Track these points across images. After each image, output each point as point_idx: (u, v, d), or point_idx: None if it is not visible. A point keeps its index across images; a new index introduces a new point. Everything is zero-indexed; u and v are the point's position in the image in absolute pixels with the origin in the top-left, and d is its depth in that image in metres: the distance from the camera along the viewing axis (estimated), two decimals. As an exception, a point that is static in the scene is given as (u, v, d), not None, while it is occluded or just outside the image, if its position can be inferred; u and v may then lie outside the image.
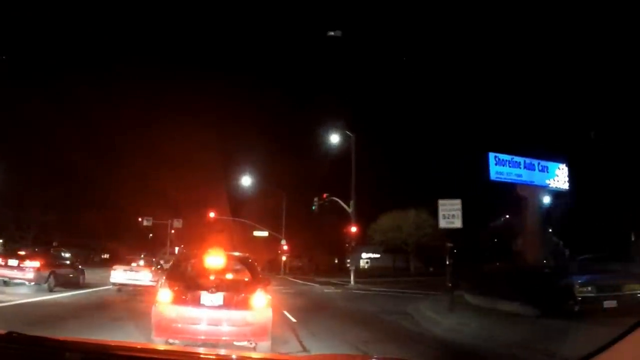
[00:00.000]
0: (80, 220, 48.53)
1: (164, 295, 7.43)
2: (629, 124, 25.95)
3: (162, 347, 4.31)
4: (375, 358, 6.74)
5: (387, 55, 50.06)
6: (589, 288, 12.54)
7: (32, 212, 42.98)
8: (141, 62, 64.69)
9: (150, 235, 60.02)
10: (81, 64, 61.72)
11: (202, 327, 7.17)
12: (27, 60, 44.49)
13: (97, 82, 57.30)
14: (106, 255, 55.44)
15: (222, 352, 4.62)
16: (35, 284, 16.23)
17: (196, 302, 7.28)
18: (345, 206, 31.93)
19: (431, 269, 57.01)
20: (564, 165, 22.45)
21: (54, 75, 51.24)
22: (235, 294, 7.43)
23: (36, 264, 16.30)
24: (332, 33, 20.85)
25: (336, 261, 65.27)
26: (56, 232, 45.53)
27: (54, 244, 42.66)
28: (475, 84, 39.86)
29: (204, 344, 6.88)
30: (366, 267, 59.05)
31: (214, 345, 6.78)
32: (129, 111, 67.06)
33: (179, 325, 7.14)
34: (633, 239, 29.07)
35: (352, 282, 29.50)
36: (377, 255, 64.21)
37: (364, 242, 49.45)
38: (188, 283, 7.71)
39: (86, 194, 47.74)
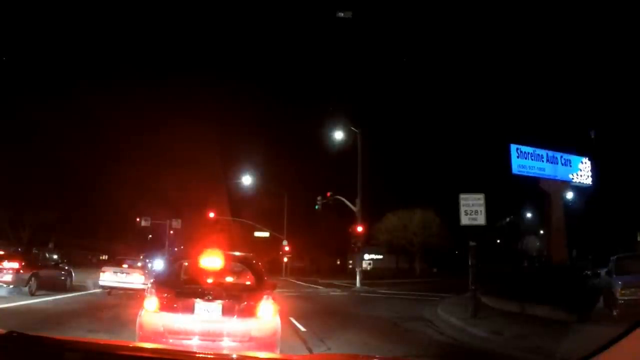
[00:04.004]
0: (78, 221, 47.57)
1: (151, 303, 6.22)
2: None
3: (161, 347, 3.89)
4: (377, 358, 6.38)
5: (393, 47, 48.96)
6: (632, 290, 11.26)
7: (28, 213, 41.96)
8: (141, 61, 63.89)
9: (150, 236, 59.15)
10: (80, 64, 60.86)
11: (196, 342, 5.96)
12: (27, 60, 43.75)
13: (96, 83, 56.31)
14: (104, 257, 54.45)
15: (223, 351, 4.78)
16: (14, 287, 14.90)
17: (189, 312, 6.07)
18: (350, 205, 30.67)
19: (435, 270, 56.22)
20: (587, 159, 21.15)
21: (52, 75, 50.25)
22: (237, 301, 6.18)
23: (15, 265, 14.94)
24: (341, 14, 19.50)
25: (338, 262, 64.26)
26: (53, 232, 44.69)
27: (50, 245, 41.91)
28: (489, 74, 38.74)
29: None
30: (369, 268, 57.76)
31: None
32: (129, 111, 66.26)
33: (169, 341, 5.91)
34: (639, 239, 28.33)
35: (358, 284, 28.28)
36: (380, 257, 63.36)
37: (367, 242, 48.47)
38: (180, 289, 6.50)
39: (85, 194, 46.79)
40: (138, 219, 49.93)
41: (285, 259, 46.97)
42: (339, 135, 30.96)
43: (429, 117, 49.72)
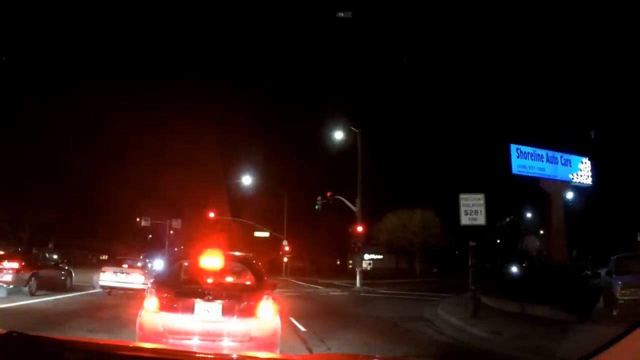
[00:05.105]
0: (78, 221, 47.53)
1: (151, 303, 6.21)
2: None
3: (161, 347, 3.89)
4: (377, 358, 6.38)
5: (393, 47, 48.97)
6: (632, 290, 11.27)
7: (28, 213, 41.95)
8: (141, 61, 63.88)
9: (150, 236, 59.10)
10: (80, 64, 60.78)
11: (196, 342, 5.95)
12: (27, 60, 43.70)
13: (96, 83, 56.14)
14: (104, 257, 54.45)
15: (224, 351, 4.77)
16: (14, 287, 14.86)
17: (189, 312, 6.06)
18: (350, 205, 30.66)
19: (435, 270, 56.28)
20: (587, 159, 21.16)
21: (52, 75, 50.15)
22: (237, 302, 6.16)
23: (15, 265, 14.93)
24: (341, 14, 19.51)
25: (338, 262, 64.25)
26: (53, 232, 44.69)
27: (50, 245, 41.88)
28: (489, 74, 38.75)
29: None
30: (369, 268, 57.86)
31: None
32: (129, 111, 65.98)
33: (169, 341, 5.90)
34: (639, 239, 28.31)
35: (358, 284, 28.27)
36: (380, 257, 63.41)
37: (367, 242, 48.49)
38: (180, 289, 6.49)
39: (85, 194, 46.76)
40: (138, 219, 49.85)
41: (285, 259, 46.91)
42: (339, 135, 30.96)
43: (429, 117, 49.77)
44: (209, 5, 53.75)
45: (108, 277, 17.62)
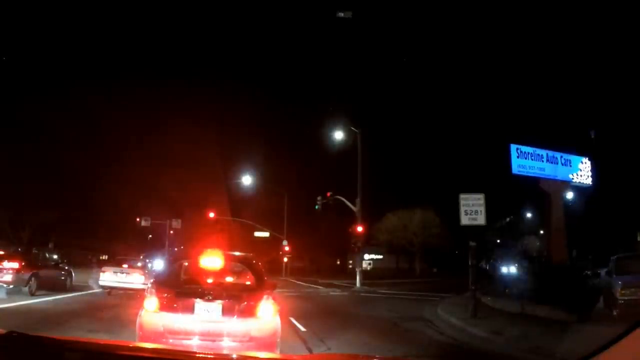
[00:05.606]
0: (78, 221, 47.53)
1: (151, 303, 6.22)
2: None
3: (161, 347, 3.89)
4: (377, 358, 6.38)
5: (393, 47, 49.00)
6: (632, 290, 11.28)
7: (28, 213, 41.96)
8: (141, 61, 63.86)
9: (150, 236, 59.14)
10: (80, 64, 60.76)
11: (196, 342, 5.95)
12: (28, 60, 43.68)
13: (96, 83, 56.08)
14: (104, 257, 54.44)
15: (224, 351, 4.79)
16: (14, 287, 14.88)
17: (189, 312, 6.06)
18: (350, 205, 30.68)
19: (435, 270, 56.29)
20: (587, 159, 21.20)
21: (52, 75, 50.09)
22: (237, 302, 6.17)
23: (15, 265, 14.95)
24: (341, 14, 19.54)
25: (338, 262, 64.25)
26: (53, 232, 44.71)
27: (50, 245, 41.86)
28: (489, 74, 38.78)
29: None
30: (369, 268, 57.82)
31: None
32: (129, 111, 65.96)
33: (169, 341, 5.90)
34: (639, 239, 28.32)
35: (358, 284, 28.30)
36: (380, 257, 63.39)
37: (367, 242, 48.52)
38: (180, 289, 6.50)
39: (85, 194, 46.74)
40: (138, 219, 49.88)
41: (285, 259, 46.89)
42: (339, 135, 30.98)
43: (429, 117, 49.78)
44: (208, 5, 53.76)
45: (108, 277, 17.65)
